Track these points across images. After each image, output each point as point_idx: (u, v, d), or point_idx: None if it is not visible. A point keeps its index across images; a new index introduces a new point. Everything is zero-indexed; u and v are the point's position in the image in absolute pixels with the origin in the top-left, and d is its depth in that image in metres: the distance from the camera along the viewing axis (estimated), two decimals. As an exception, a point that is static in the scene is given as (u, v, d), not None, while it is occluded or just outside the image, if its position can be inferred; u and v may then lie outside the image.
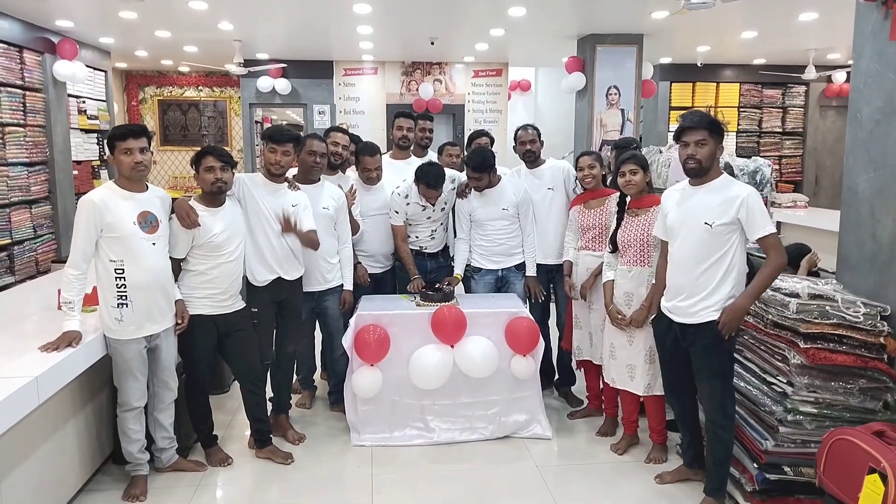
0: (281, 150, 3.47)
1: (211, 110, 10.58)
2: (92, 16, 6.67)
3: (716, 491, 3.04)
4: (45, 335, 2.87)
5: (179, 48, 8.54)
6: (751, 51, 9.01)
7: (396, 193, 4.11)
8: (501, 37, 7.80)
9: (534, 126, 4.25)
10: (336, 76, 9.74)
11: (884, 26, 3.04)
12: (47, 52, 7.02)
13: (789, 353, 2.84)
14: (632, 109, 7.72)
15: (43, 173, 7.04)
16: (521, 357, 3.73)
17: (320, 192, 3.77)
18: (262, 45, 8.53)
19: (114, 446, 3.43)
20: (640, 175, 3.43)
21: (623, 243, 3.50)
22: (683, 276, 2.98)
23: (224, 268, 3.32)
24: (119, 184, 3.06)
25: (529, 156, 4.19)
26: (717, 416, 2.96)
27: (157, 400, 3.27)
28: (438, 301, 3.79)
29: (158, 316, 3.13)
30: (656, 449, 3.57)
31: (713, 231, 2.85)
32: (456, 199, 4.19)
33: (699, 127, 2.88)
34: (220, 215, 3.31)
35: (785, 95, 10.39)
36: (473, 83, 9.99)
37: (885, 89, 3.04)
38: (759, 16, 6.83)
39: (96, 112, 8.19)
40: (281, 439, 3.75)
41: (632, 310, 3.45)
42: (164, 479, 3.35)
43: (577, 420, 4.09)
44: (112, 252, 2.98)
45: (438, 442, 3.74)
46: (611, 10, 6.48)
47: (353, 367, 3.69)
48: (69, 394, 3.04)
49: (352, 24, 7.16)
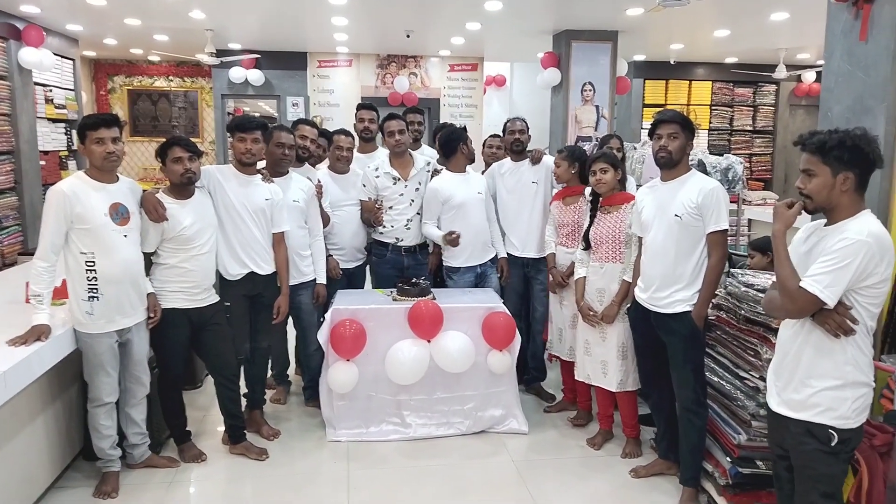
0: (250, 137, 3.42)
1: (182, 101, 10.40)
2: (59, 2, 6.49)
3: (691, 479, 3.12)
4: (12, 329, 2.80)
5: (150, 37, 8.37)
6: (723, 49, 9.12)
7: (367, 167, 4.14)
8: (477, 31, 7.79)
9: (523, 118, 4.28)
10: (310, 68, 9.64)
11: (854, 26, 3.10)
12: (12, 38, 6.81)
13: (761, 349, 2.88)
14: (606, 106, 7.77)
15: (8, 163, 6.85)
16: (497, 352, 3.74)
17: (289, 184, 3.73)
18: (235, 34, 8.40)
19: (84, 442, 3.37)
20: (611, 173, 3.49)
21: (595, 240, 3.54)
22: (657, 267, 3.06)
23: (196, 261, 3.27)
24: (90, 174, 3.00)
25: (517, 145, 4.19)
26: (690, 403, 3.04)
27: (128, 395, 3.22)
28: (415, 296, 3.78)
29: (130, 310, 3.07)
30: (630, 443, 3.61)
31: (683, 223, 2.95)
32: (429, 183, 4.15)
33: (672, 121, 3.00)
34: (189, 207, 3.26)
35: (756, 94, 10.54)
36: (449, 77, 9.97)
37: (855, 88, 3.10)
38: (732, 15, 6.92)
39: (64, 101, 7.99)
40: (255, 435, 3.72)
41: (603, 306, 3.48)
42: (136, 476, 3.30)
43: (552, 414, 4.12)
44: (83, 244, 2.91)
45: (414, 437, 3.74)
46: (586, 6, 6.50)
47: (329, 362, 3.67)
48: (38, 389, 2.98)
49: (326, 15, 7.08)
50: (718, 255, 2.95)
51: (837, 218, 2.14)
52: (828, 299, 2.03)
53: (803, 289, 2.06)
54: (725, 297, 3.20)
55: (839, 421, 2.10)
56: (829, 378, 2.11)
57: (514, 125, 4.21)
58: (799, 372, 2.17)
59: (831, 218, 2.16)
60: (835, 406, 2.10)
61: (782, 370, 2.24)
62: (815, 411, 2.13)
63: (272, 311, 3.67)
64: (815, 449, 2.13)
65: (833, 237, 2.09)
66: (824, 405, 2.11)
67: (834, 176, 2.09)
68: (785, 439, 2.24)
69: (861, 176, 2.10)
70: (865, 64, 3.06)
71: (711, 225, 2.93)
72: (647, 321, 3.15)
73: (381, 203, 4.12)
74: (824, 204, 2.14)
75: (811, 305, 2.08)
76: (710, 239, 2.96)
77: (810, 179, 2.14)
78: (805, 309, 2.10)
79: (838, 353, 2.10)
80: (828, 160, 2.09)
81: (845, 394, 2.10)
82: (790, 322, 2.24)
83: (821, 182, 2.11)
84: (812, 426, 2.13)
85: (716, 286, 3.03)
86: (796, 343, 2.19)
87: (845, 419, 2.10)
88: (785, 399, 2.22)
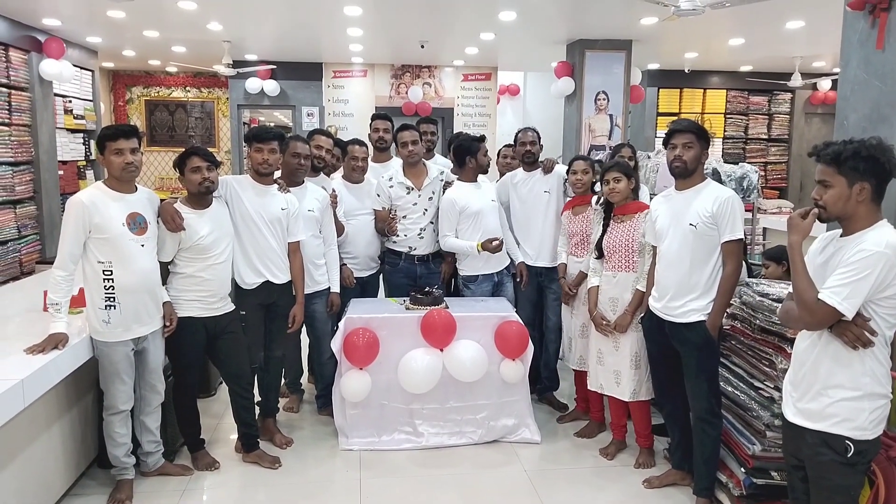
0: (267, 148, 3.45)
1: (198, 111, 10.53)
2: (79, 14, 6.62)
3: (705, 490, 3.09)
4: (30, 337, 2.84)
5: (167, 48, 8.49)
6: (738, 58, 9.10)
7: (381, 177, 4.16)
8: (491, 41, 7.82)
9: (534, 129, 4.28)
10: (325, 78, 9.72)
11: (871, 35, 3.08)
12: (34, 50, 6.95)
13: (776, 359, 2.86)
14: (620, 115, 7.76)
15: (28, 173, 6.97)
16: (510, 361, 3.73)
17: (304, 193, 3.75)
18: (252, 46, 8.50)
19: (99, 450, 3.39)
20: (624, 182, 3.47)
21: (608, 249, 3.53)
22: (672, 276, 3.05)
23: (213, 270, 3.30)
24: (108, 184, 3.04)
25: (529, 157, 4.20)
26: (704, 413, 3.03)
27: (143, 403, 3.24)
28: (428, 305, 3.78)
29: (146, 318, 3.10)
30: (644, 454, 3.58)
31: (698, 232, 2.94)
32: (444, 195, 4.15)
33: (687, 130, 2.99)
34: (206, 217, 3.29)
35: (771, 102, 10.49)
36: (463, 87, 10.02)
37: (872, 97, 3.08)
38: (747, 23, 6.90)
39: (83, 112, 8.12)
40: (268, 443, 3.73)
41: (616, 315, 3.47)
42: (149, 484, 3.32)
43: (565, 424, 4.10)
44: (100, 253, 2.95)
45: (427, 446, 3.73)
46: (600, 16, 6.52)
47: (342, 370, 3.68)
48: (55, 397, 3.01)
49: (342, 26, 7.15)
50: (733, 265, 2.94)
51: (854, 228, 2.11)
52: (846, 311, 2.01)
53: (821, 301, 2.03)
54: (740, 307, 3.18)
55: (856, 432, 2.08)
56: (846, 389, 2.09)
57: (526, 136, 4.21)
58: (816, 383, 2.15)
59: (847, 228, 2.13)
60: (852, 417, 2.08)
61: (799, 381, 2.22)
62: (831, 422, 2.11)
63: (286, 320, 3.68)
64: (831, 460, 2.11)
65: (850, 248, 2.06)
66: (841, 416, 2.09)
67: (850, 186, 2.07)
68: (801, 450, 2.22)
69: (877, 186, 2.08)
70: (882, 72, 3.04)
71: (726, 234, 2.92)
72: (661, 330, 3.13)
73: (395, 212, 4.14)
74: (840, 214, 2.12)
75: (829, 317, 2.05)
76: (724, 248, 2.94)
77: (826, 190, 2.12)
78: (823, 321, 2.07)
79: (856, 363, 2.08)
80: (843, 171, 2.07)
81: (863, 405, 2.08)
82: (807, 333, 2.22)
83: (836, 193, 2.09)
84: (828, 437, 2.11)
85: (730, 296, 3.01)
86: (814, 354, 2.17)
87: (862, 430, 2.08)
88: (801, 409, 2.20)
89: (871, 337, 2.05)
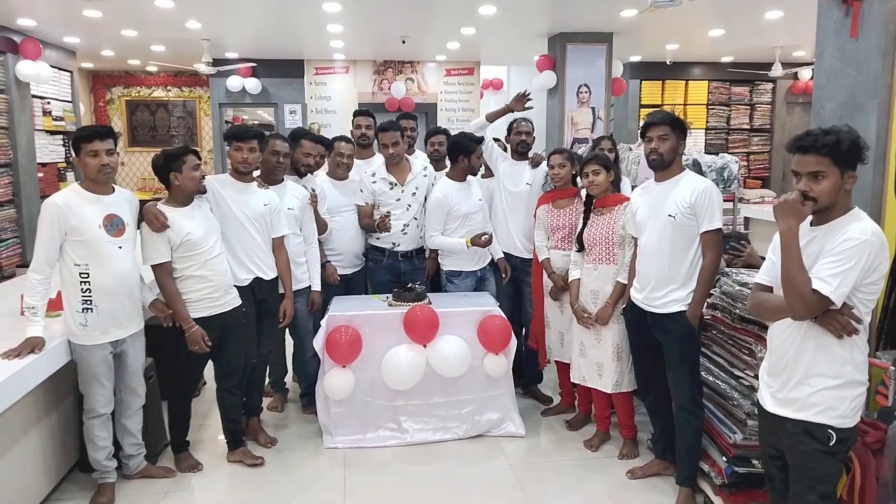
0: (246, 147, 3.44)
1: (180, 110, 10.45)
2: (55, 14, 6.53)
3: (688, 479, 3.11)
4: (7, 342, 2.80)
5: (147, 47, 8.41)
6: (719, 49, 9.12)
7: (364, 172, 4.16)
8: (473, 35, 7.81)
9: (529, 120, 4.31)
10: (307, 75, 9.67)
11: (845, 24, 3.10)
12: (9, 51, 6.86)
13: (756, 348, 2.87)
14: (602, 107, 7.77)
15: (6, 176, 6.89)
16: (493, 355, 3.73)
17: (284, 192, 3.73)
18: (232, 44, 8.43)
19: (80, 454, 3.37)
20: (603, 175, 3.48)
21: (589, 242, 3.54)
22: (652, 267, 3.06)
23: (210, 265, 3.27)
24: (84, 186, 3.00)
25: (523, 146, 4.23)
26: (686, 403, 3.04)
27: (124, 406, 3.22)
28: (411, 301, 3.77)
29: (124, 321, 3.08)
30: (627, 445, 3.60)
31: (677, 223, 2.96)
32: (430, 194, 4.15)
33: (662, 123, 2.99)
34: (189, 214, 3.26)
35: (752, 93, 10.54)
36: (446, 82, 9.99)
37: (847, 85, 3.10)
38: (726, 14, 6.93)
39: (62, 113, 8.03)
40: (252, 443, 3.71)
41: (598, 307, 3.48)
42: (132, 487, 3.29)
43: (550, 417, 4.11)
44: (77, 256, 2.92)
45: (411, 442, 3.73)
46: (581, 9, 6.52)
47: (325, 368, 3.67)
48: (33, 401, 2.98)
49: (322, 23, 7.11)
50: (712, 255, 2.95)
51: (830, 217, 2.09)
52: (837, 300, 2.01)
53: (816, 290, 2.00)
54: (720, 297, 3.19)
55: (838, 420, 2.09)
56: (827, 377, 2.09)
57: (521, 126, 4.23)
58: (798, 372, 2.15)
59: (823, 218, 2.10)
60: (834, 405, 2.09)
61: (779, 371, 2.21)
62: (814, 411, 2.11)
63: (275, 317, 3.68)
64: (813, 449, 2.11)
65: (834, 237, 2.04)
66: (824, 404, 2.09)
67: (842, 176, 2.05)
68: (780, 440, 2.22)
69: None
70: (857, 61, 3.06)
71: (705, 224, 2.93)
72: (642, 322, 3.14)
73: (379, 207, 4.13)
74: (829, 205, 2.07)
75: (820, 307, 2.03)
76: (703, 238, 2.95)
77: (819, 182, 2.05)
78: (814, 310, 2.04)
79: (837, 352, 2.08)
80: (839, 161, 2.03)
81: (844, 393, 2.09)
82: (783, 323, 2.20)
83: (831, 184, 2.04)
84: (810, 426, 2.11)
85: (710, 285, 3.02)
86: (795, 343, 2.16)
87: (844, 418, 2.09)
88: (781, 399, 2.19)
89: (856, 325, 2.06)
